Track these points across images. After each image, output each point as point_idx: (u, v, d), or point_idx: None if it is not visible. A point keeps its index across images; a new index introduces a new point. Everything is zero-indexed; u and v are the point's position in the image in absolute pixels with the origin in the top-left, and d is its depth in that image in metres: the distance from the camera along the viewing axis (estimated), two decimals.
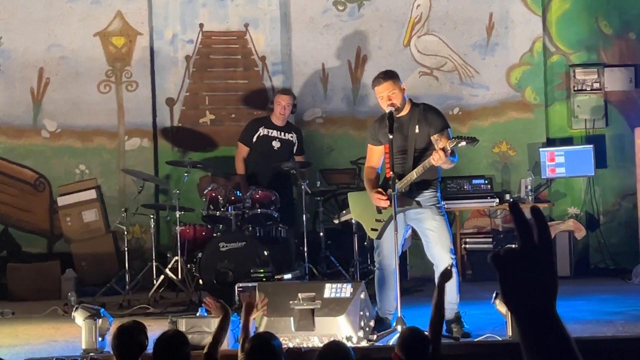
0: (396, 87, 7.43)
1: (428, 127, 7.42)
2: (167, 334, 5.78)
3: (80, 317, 6.93)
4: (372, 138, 7.70)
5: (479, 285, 9.84)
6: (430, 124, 7.43)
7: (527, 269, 2.16)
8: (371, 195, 7.44)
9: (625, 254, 11.27)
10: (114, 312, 8.56)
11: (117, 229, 10.89)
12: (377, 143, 7.64)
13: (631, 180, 11.28)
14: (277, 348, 5.28)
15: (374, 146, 7.70)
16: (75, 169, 11.68)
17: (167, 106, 11.77)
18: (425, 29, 11.81)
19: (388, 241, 7.37)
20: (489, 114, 11.77)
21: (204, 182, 11.30)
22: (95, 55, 11.71)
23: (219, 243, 9.67)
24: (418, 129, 7.42)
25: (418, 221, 7.44)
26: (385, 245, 7.43)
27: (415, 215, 7.43)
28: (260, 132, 10.66)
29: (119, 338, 5.62)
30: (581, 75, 11.63)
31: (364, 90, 11.65)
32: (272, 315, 6.91)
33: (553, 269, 2.17)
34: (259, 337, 5.49)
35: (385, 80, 7.43)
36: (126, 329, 5.70)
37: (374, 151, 7.71)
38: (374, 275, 7.76)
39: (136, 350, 5.56)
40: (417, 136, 7.42)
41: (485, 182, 11.36)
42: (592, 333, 7.11)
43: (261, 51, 11.83)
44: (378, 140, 7.61)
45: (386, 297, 7.49)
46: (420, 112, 7.50)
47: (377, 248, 7.53)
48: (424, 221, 7.40)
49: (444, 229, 7.39)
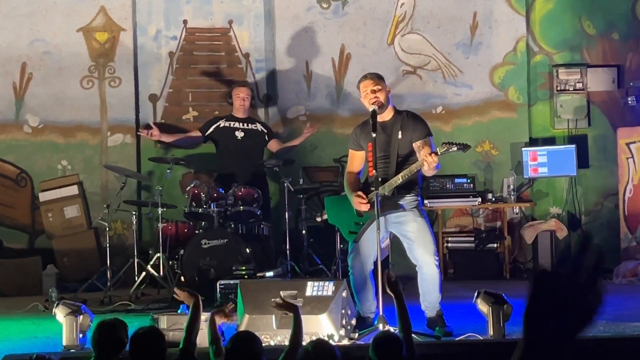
0: (381, 84, 7.43)
1: (411, 133, 7.42)
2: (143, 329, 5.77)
3: (61, 313, 6.91)
4: (353, 143, 7.68)
5: (461, 284, 9.86)
6: (413, 130, 7.43)
7: (570, 297, 1.95)
8: (352, 198, 7.43)
9: (607, 254, 11.29)
10: (95, 309, 8.53)
11: (99, 225, 10.86)
12: (358, 148, 7.62)
13: (613, 180, 11.32)
14: (258, 349, 5.27)
15: (355, 151, 7.67)
16: (57, 164, 11.64)
17: (150, 102, 11.74)
18: (409, 28, 11.82)
19: (366, 245, 7.37)
20: (472, 113, 11.78)
21: (187, 179, 11.29)
22: (79, 51, 11.66)
23: (201, 240, 9.66)
24: (401, 135, 7.41)
25: (399, 224, 7.41)
26: (363, 246, 7.42)
27: (396, 219, 7.40)
28: (220, 124, 10.78)
29: (100, 334, 5.61)
30: (564, 75, 11.65)
31: (347, 88, 11.64)
32: (254, 312, 6.90)
33: (595, 307, 1.97)
34: (240, 337, 5.46)
35: (370, 76, 7.45)
36: (107, 326, 5.69)
37: (355, 156, 7.68)
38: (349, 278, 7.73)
39: (116, 347, 5.55)
40: (400, 142, 7.41)
41: (468, 181, 11.37)
42: None
43: (245, 48, 11.81)
44: (360, 145, 7.60)
45: (364, 298, 7.47)
46: (403, 118, 7.49)
47: (352, 251, 7.51)
48: (406, 224, 7.39)
49: (426, 231, 7.38)
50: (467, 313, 7.71)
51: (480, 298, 6.88)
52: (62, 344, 6.87)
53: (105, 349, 5.54)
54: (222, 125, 10.77)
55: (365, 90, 7.42)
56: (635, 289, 9.86)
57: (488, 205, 11.41)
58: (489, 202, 11.36)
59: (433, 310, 7.33)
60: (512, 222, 11.59)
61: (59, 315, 6.91)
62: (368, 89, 7.40)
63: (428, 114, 11.24)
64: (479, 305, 6.88)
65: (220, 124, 10.79)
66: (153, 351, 5.42)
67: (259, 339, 5.39)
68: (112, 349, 5.54)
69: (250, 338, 5.39)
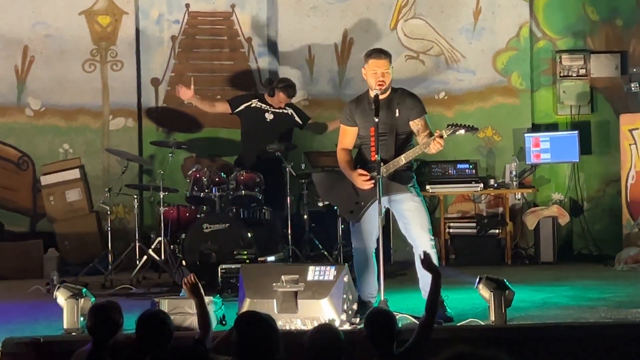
0: (389, 68, 7.40)
1: (408, 112, 7.39)
2: (149, 312, 5.78)
3: (62, 296, 6.91)
4: (347, 119, 7.60)
5: (463, 270, 9.86)
6: (410, 108, 7.40)
7: None
8: (352, 176, 7.39)
9: (609, 240, 11.30)
10: (96, 292, 8.51)
11: (100, 209, 10.85)
12: (352, 124, 7.55)
13: (615, 166, 11.29)
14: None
15: (348, 127, 7.59)
16: (59, 148, 11.63)
17: (152, 86, 11.72)
18: (412, 13, 11.78)
19: (367, 224, 7.35)
20: (474, 99, 11.76)
21: (189, 163, 11.28)
22: (81, 34, 11.64)
23: (202, 224, 9.65)
24: (398, 113, 7.38)
25: (396, 203, 7.41)
26: (363, 227, 7.40)
27: (393, 197, 7.39)
28: (252, 103, 10.64)
29: (94, 317, 5.62)
30: (567, 61, 11.63)
31: (350, 72, 11.61)
32: (255, 297, 6.89)
33: None
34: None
35: (385, 58, 7.37)
36: (100, 308, 5.70)
37: (347, 132, 7.61)
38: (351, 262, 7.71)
39: (111, 329, 5.56)
40: (397, 120, 7.38)
41: (470, 167, 11.36)
42: (574, 319, 7.12)
43: (247, 32, 11.78)
44: (354, 121, 7.53)
45: (366, 281, 7.46)
46: (399, 96, 7.46)
47: (355, 231, 7.49)
48: (403, 202, 7.38)
49: (422, 210, 7.37)
50: (469, 299, 7.71)
51: (482, 284, 6.87)
52: (62, 327, 6.88)
53: (100, 332, 5.55)
54: (253, 104, 10.67)
55: (375, 70, 7.34)
56: (636, 275, 9.84)
57: (490, 191, 11.39)
58: (491, 188, 11.35)
59: None
60: (514, 208, 11.58)
61: (60, 298, 6.91)
62: (379, 70, 7.33)
63: (431, 99, 11.23)
64: (481, 290, 6.87)
65: (252, 103, 10.66)
66: (159, 334, 5.43)
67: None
68: (106, 331, 5.55)
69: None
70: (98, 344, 5.54)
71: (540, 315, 7.31)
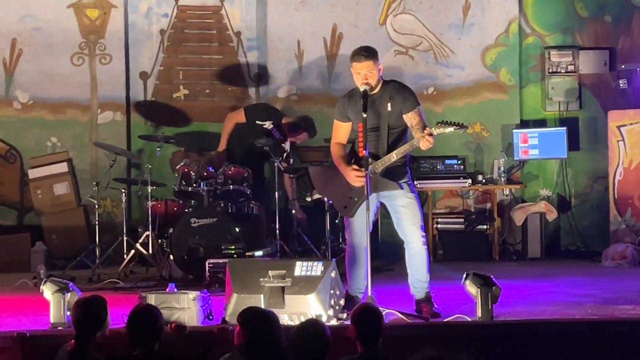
0: (375, 67, 7.33)
1: (401, 105, 7.37)
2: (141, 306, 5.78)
3: (48, 290, 6.89)
4: (339, 114, 7.57)
5: (450, 266, 9.85)
6: (402, 102, 7.37)
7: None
8: (346, 172, 7.37)
9: (596, 237, 11.33)
10: (83, 286, 8.54)
11: (88, 203, 10.83)
12: (345, 119, 7.53)
13: (603, 163, 11.32)
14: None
15: (341, 122, 7.57)
16: (47, 141, 11.61)
17: (140, 80, 11.70)
18: (402, 8, 11.78)
19: (360, 219, 7.34)
20: (463, 95, 11.77)
21: (177, 157, 11.27)
22: (69, 27, 11.61)
23: (190, 219, 9.64)
24: (390, 107, 7.35)
25: (390, 198, 7.40)
26: (356, 223, 7.40)
27: (387, 193, 7.38)
28: (265, 124, 10.64)
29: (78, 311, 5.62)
30: (556, 57, 11.65)
31: (339, 67, 11.61)
32: (242, 292, 6.88)
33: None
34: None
35: (367, 58, 7.31)
36: (85, 302, 5.70)
37: (341, 127, 7.58)
38: (345, 253, 7.74)
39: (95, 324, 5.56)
40: (389, 114, 7.35)
41: (458, 162, 11.38)
42: (561, 315, 7.13)
43: (236, 26, 11.77)
44: (346, 116, 7.51)
45: (357, 276, 7.47)
46: (391, 89, 7.42)
47: (349, 226, 7.50)
48: (396, 198, 7.37)
49: (415, 206, 7.36)
50: (456, 294, 7.71)
51: (469, 280, 6.87)
52: (49, 321, 6.87)
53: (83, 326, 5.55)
54: (266, 125, 10.66)
55: (358, 72, 7.33)
56: (623, 272, 9.89)
57: (478, 186, 11.41)
58: (479, 183, 11.37)
59: (422, 292, 7.31)
60: (502, 204, 11.60)
61: (47, 292, 6.90)
62: (362, 72, 7.31)
63: (419, 94, 11.05)
64: (468, 287, 6.88)
65: (266, 124, 10.67)
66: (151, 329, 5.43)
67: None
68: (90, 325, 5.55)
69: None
70: (82, 338, 5.53)
71: (527, 311, 7.32)
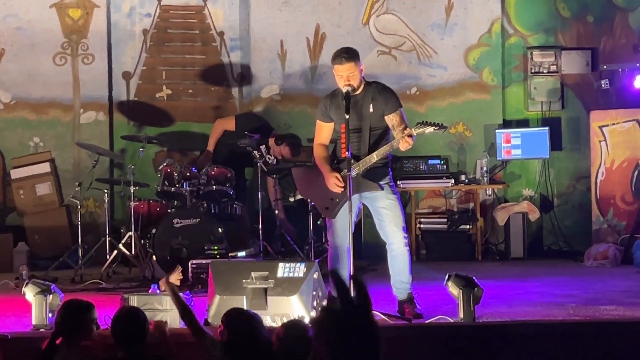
0: (356, 68, 7.32)
1: (382, 106, 7.37)
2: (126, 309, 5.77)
3: (30, 292, 6.87)
4: (322, 114, 7.55)
5: (433, 266, 9.87)
6: (384, 103, 7.36)
7: (350, 329, 2.29)
8: (327, 177, 7.37)
9: (579, 236, 11.37)
10: (66, 287, 8.54)
11: (70, 203, 10.81)
12: (327, 120, 7.52)
13: (585, 162, 11.37)
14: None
15: (323, 122, 7.55)
16: (29, 141, 11.58)
17: (123, 80, 11.68)
18: (385, 8, 11.79)
19: (342, 220, 7.35)
20: (446, 95, 11.79)
21: (160, 158, 11.26)
22: (52, 27, 11.58)
23: (173, 219, 9.63)
24: (372, 108, 7.35)
25: (372, 200, 7.41)
26: (338, 224, 7.41)
27: (369, 194, 7.39)
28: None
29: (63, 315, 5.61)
30: (538, 57, 11.68)
31: (322, 68, 11.61)
32: (225, 293, 6.88)
33: (374, 328, 2.30)
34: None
35: (347, 60, 7.29)
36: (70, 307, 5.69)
37: (323, 128, 7.57)
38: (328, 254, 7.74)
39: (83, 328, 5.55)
40: (371, 115, 7.36)
41: (441, 162, 11.40)
42: (542, 316, 7.15)
43: (219, 26, 11.76)
44: (329, 117, 7.50)
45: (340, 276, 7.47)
46: (374, 90, 7.42)
47: (331, 227, 7.50)
48: (378, 200, 7.38)
49: (397, 208, 7.37)
50: (438, 295, 7.73)
51: (451, 281, 6.89)
52: (31, 323, 6.85)
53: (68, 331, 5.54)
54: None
55: (340, 75, 7.32)
56: (605, 272, 9.92)
57: (461, 186, 11.43)
58: (462, 183, 11.39)
59: (404, 293, 7.32)
60: (485, 204, 11.63)
61: (29, 294, 6.88)
62: (344, 74, 7.30)
63: (402, 94, 11.18)
64: (450, 288, 6.90)
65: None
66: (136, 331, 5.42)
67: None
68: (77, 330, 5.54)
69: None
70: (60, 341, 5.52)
71: (509, 311, 7.34)
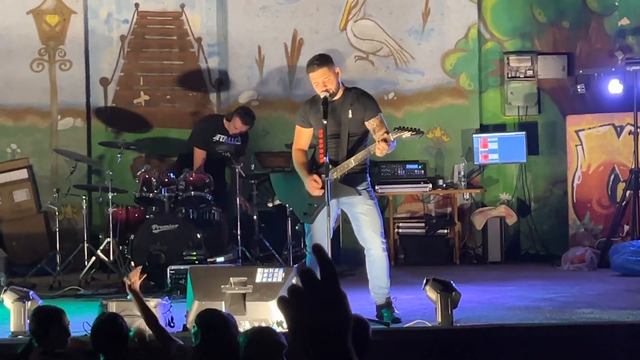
0: (331, 72, 7.36)
1: (362, 112, 7.39)
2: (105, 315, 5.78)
3: (9, 299, 6.88)
4: (301, 120, 7.58)
5: (411, 271, 9.91)
6: (363, 109, 7.39)
7: (317, 307, 2.17)
8: (306, 180, 7.39)
9: (556, 240, 11.42)
10: (44, 293, 8.52)
11: (48, 209, 10.77)
12: (307, 125, 7.55)
13: (562, 167, 11.43)
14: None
15: (302, 128, 7.58)
16: (6, 148, 11.55)
17: (101, 86, 11.68)
18: (362, 14, 11.83)
19: (320, 225, 7.37)
20: (423, 100, 11.83)
21: (138, 164, 11.24)
22: (29, 33, 11.56)
23: (151, 225, 9.64)
24: (351, 114, 7.38)
25: (350, 205, 7.44)
26: (317, 229, 7.43)
27: (347, 200, 7.43)
28: (216, 137, 10.61)
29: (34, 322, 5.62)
30: (515, 62, 11.74)
31: (300, 73, 11.63)
32: (204, 299, 6.90)
33: (342, 305, 2.19)
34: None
35: (320, 66, 7.33)
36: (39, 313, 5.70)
37: (302, 133, 7.60)
38: (306, 259, 7.77)
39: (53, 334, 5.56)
40: (350, 121, 7.39)
41: (419, 167, 11.44)
42: (520, 320, 7.20)
43: (197, 32, 11.77)
44: (308, 122, 7.52)
45: None
46: (353, 96, 7.45)
47: (309, 232, 7.53)
48: (356, 205, 7.41)
49: (375, 213, 7.40)
50: (416, 299, 7.76)
51: (429, 285, 6.93)
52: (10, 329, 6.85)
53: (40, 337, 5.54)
54: (216, 139, 10.67)
55: (315, 82, 7.35)
56: (582, 275, 9.97)
57: (439, 191, 11.47)
58: (440, 188, 11.43)
59: (382, 297, 7.36)
60: (463, 208, 11.67)
61: (7, 301, 6.89)
62: (319, 80, 7.33)
63: (380, 99, 11.15)
64: (428, 292, 6.93)
65: (217, 137, 10.67)
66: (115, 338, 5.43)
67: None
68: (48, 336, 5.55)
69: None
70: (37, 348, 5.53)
71: (487, 315, 7.39)
